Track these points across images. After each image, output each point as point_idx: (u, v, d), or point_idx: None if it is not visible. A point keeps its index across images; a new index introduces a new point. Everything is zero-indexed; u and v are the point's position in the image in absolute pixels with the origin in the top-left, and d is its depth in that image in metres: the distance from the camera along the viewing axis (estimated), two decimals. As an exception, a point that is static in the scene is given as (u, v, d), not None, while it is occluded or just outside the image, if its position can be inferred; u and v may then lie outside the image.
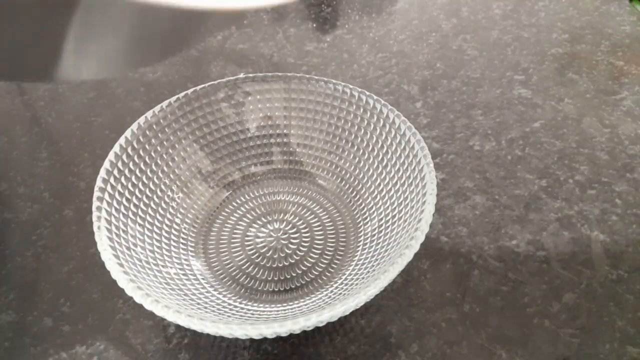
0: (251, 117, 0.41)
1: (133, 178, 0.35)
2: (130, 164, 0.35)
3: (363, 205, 0.38)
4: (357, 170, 0.39)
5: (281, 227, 0.38)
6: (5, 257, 0.37)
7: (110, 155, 0.34)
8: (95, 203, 0.31)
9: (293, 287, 0.34)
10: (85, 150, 0.44)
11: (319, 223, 0.38)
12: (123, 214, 0.33)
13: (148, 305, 0.26)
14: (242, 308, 0.32)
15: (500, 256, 0.36)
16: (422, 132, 0.45)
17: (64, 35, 0.20)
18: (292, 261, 0.36)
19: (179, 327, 0.32)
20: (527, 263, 0.35)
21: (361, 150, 0.39)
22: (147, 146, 0.36)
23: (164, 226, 0.36)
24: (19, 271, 0.36)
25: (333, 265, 0.36)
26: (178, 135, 0.38)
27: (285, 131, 0.41)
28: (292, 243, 0.37)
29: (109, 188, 0.32)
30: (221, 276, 0.35)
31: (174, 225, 0.36)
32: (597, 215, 0.38)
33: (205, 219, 0.38)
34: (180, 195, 0.38)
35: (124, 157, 0.34)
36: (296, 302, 0.33)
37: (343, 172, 0.40)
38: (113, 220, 0.32)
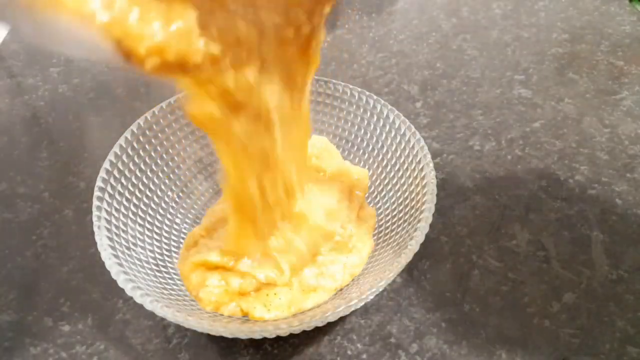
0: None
1: (133, 178, 0.35)
2: (130, 164, 0.35)
3: (363, 205, 0.38)
4: (357, 170, 0.39)
5: (281, 227, 0.38)
6: (5, 257, 0.37)
7: (110, 155, 0.34)
8: (95, 203, 0.31)
9: (293, 287, 0.34)
10: (85, 150, 0.44)
11: (319, 223, 0.38)
12: (123, 214, 0.33)
13: (148, 305, 0.26)
14: (242, 308, 0.32)
15: (500, 256, 0.36)
16: (422, 132, 0.45)
17: None
18: (292, 261, 0.36)
19: (179, 327, 0.32)
20: (527, 263, 0.35)
21: (361, 150, 0.39)
22: (147, 146, 0.36)
23: (164, 226, 0.36)
24: (19, 271, 0.36)
25: (333, 265, 0.35)
26: (178, 135, 0.38)
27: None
28: (292, 243, 0.37)
29: (109, 188, 0.32)
30: (221, 276, 0.35)
31: (174, 225, 0.36)
32: (597, 215, 0.38)
33: (205, 219, 0.38)
34: (181, 195, 0.38)
35: (124, 157, 0.34)
36: (296, 302, 0.33)
37: (343, 172, 0.40)
38: (113, 220, 0.32)
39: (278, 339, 0.31)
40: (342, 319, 0.32)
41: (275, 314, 0.30)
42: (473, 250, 0.36)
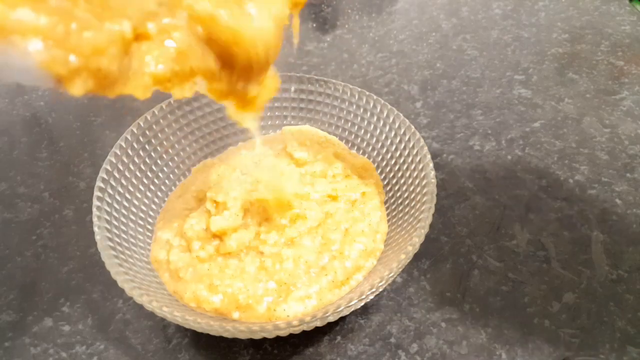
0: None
1: (133, 178, 0.35)
2: (130, 164, 0.35)
3: (363, 205, 0.38)
4: (357, 170, 0.39)
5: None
6: (5, 257, 0.37)
7: (110, 155, 0.34)
8: (95, 203, 0.31)
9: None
10: (85, 150, 0.44)
11: (319, 223, 0.38)
12: (123, 214, 0.33)
13: (148, 305, 0.26)
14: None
15: (500, 256, 0.36)
16: (422, 132, 0.45)
17: None
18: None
19: (178, 327, 0.32)
20: (527, 263, 0.35)
21: (361, 150, 0.39)
22: (147, 146, 0.36)
23: (164, 226, 0.36)
24: (19, 271, 0.36)
25: (333, 265, 0.35)
26: (178, 135, 0.38)
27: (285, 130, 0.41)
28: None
29: (108, 188, 0.32)
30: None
31: (174, 225, 0.36)
32: (597, 215, 0.38)
33: (205, 219, 0.38)
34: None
35: (124, 157, 0.34)
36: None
37: (343, 172, 0.40)
38: (113, 220, 0.32)
39: (278, 339, 0.31)
40: (342, 319, 0.32)
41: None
42: (473, 250, 0.36)
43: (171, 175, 0.38)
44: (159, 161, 0.37)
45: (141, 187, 0.35)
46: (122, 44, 0.20)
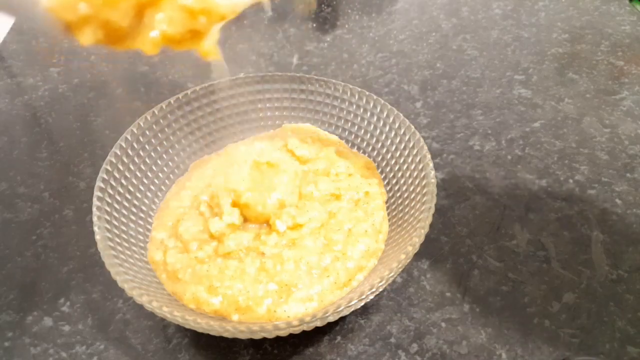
0: (251, 116, 0.41)
1: (133, 178, 0.35)
2: (130, 164, 0.35)
3: (363, 205, 0.38)
4: (357, 170, 0.39)
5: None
6: (5, 257, 0.37)
7: (111, 156, 0.34)
8: (96, 203, 0.31)
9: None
10: (85, 150, 0.44)
11: (319, 223, 0.38)
12: (123, 214, 0.33)
13: (147, 305, 0.26)
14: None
15: (500, 256, 0.36)
16: (422, 132, 0.45)
17: None
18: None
19: (178, 327, 0.32)
20: (527, 263, 0.35)
21: (361, 150, 0.39)
22: (147, 146, 0.36)
23: (164, 226, 0.36)
24: (19, 271, 0.36)
25: (333, 265, 0.35)
26: (178, 135, 0.38)
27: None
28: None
29: (108, 188, 0.32)
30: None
31: (174, 225, 0.36)
32: (597, 215, 0.38)
33: (205, 219, 0.38)
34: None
35: (124, 157, 0.34)
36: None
37: (343, 172, 0.40)
38: (113, 220, 0.32)
39: (278, 339, 0.31)
40: (342, 319, 0.32)
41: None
42: (473, 250, 0.36)
43: (171, 175, 0.38)
44: (159, 161, 0.37)
45: (141, 187, 0.35)
46: (135, 2, 0.21)
